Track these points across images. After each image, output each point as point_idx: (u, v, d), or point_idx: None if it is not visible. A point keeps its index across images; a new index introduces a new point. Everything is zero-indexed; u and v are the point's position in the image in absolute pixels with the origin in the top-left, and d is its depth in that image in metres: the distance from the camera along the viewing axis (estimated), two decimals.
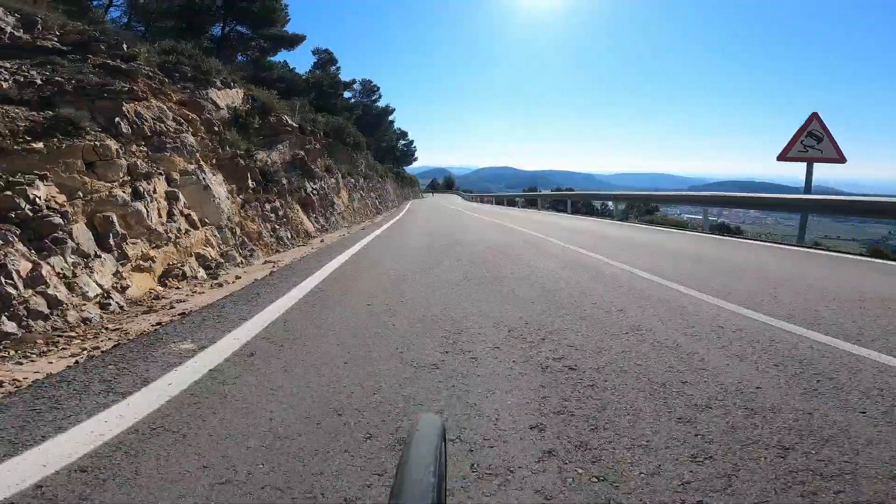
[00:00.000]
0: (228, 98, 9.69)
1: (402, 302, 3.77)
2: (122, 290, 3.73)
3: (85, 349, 2.68)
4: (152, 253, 4.27)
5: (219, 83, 9.60)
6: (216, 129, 6.88)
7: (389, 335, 2.89)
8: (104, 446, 1.60)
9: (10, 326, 2.73)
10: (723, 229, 12.64)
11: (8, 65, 4.37)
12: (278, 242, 7.65)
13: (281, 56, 27.84)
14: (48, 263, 3.09)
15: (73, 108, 4.20)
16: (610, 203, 20.11)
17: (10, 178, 3.21)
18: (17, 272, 2.87)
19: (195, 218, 5.22)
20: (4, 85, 3.96)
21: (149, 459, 1.53)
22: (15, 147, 3.34)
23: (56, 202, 3.40)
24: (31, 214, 3.14)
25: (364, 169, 22.97)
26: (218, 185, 5.98)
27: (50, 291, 2.99)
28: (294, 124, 11.76)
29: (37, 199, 3.22)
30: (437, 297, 3.95)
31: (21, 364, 2.45)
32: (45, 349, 2.67)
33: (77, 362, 2.44)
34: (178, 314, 3.45)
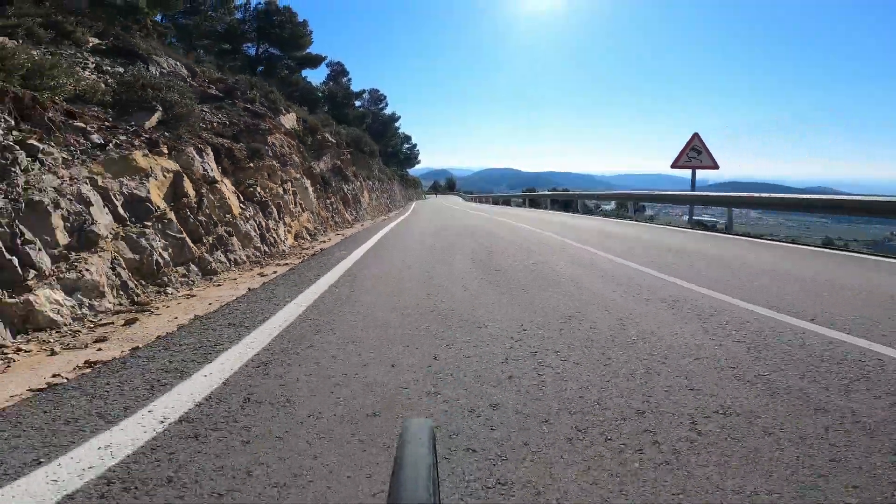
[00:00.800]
0: (290, 122, 13.21)
1: (431, 239, 7.31)
2: (285, 241, 7.25)
3: (301, 258, 6.20)
4: (291, 224, 7.79)
5: (283, 109, 13.13)
6: (300, 149, 10.42)
7: (423, 251, 6.40)
8: (350, 268, 5.11)
9: (266, 249, 6.25)
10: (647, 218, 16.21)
11: (207, 108, 7.90)
12: (336, 225, 11.19)
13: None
14: (268, 222, 6.62)
15: (248, 142, 7.71)
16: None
17: (246, 183, 6.72)
18: (263, 228, 6.40)
19: (302, 206, 8.75)
20: (216, 125, 7.48)
21: (365, 267, 5.04)
22: (244, 166, 6.86)
23: (262, 194, 6.93)
24: (259, 199, 6.67)
25: (377, 173, 26.51)
26: (309, 187, 9.51)
27: (272, 235, 6.52)
28: (333, 140, 15.31)
29: (260, 193, 6.75)
30: (442, 239, 7.49)
31: (280, 263, 5.96)
32: (282, 260, 6.18)
33: (303, 260, 5.94)
34: (318, 250, 6.97)
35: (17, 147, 3.07)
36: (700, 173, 11.98)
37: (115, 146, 4.08)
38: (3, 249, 2.76)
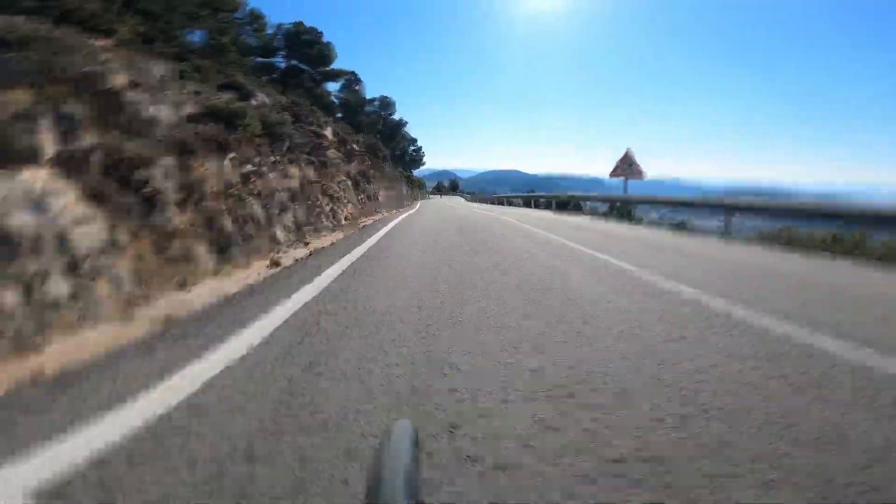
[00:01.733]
0: (329, 134, 17.24)
1: (433, 220, 11.34)
2: (342, 220, 11.30)
3: (358, 227, 10.25)
4: (343, 210, 11.86)
5: (322, 125, 17.16)
6: (343, 159, 14.50)
7: (431, 226, 10.43)
8: (400, 222, 9.14)
9: (336, 223, 10.32)
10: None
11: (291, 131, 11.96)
12: (365, 213, 15.26)
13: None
14: (335, 207, 10.70)
15: (317, 156, 11.74)
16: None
17: (322, 183, 10.78)
18: (333, 210, 10.47)
19: (347, 199, 12.82)
20: (299, 144, 11.55)
21: (415, 218, 9.07)
22: (320, 172, 10.91)
23: (330, 190, 11.00)
24: (329, 194, 10.74)
25: (389, 174, 30.60)
26: (350, 186, 13.59)
27: (336, 215, 10.60)
28: (359, 149, 19.38)
29: (333, 190, 10.82)
30: (441, 219, 11.53)
31: (348, 230, 10.02)
32: (346, 230, 10.23)
33: (359, 229, 9.99)
34: (364, 225, 11.02)
35: (261, 166, 7.13)
36: (699, 179, 15.67)
37: (279, 162, 8.13)
38: (264, 209, 6.80)
